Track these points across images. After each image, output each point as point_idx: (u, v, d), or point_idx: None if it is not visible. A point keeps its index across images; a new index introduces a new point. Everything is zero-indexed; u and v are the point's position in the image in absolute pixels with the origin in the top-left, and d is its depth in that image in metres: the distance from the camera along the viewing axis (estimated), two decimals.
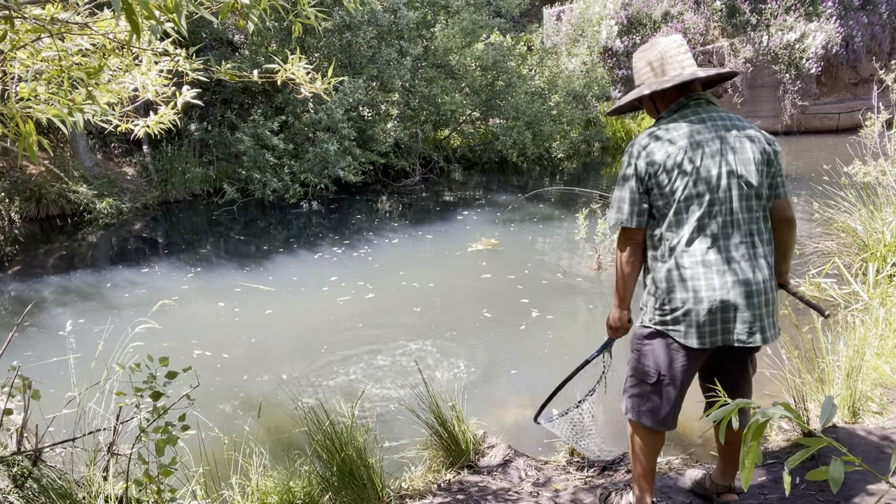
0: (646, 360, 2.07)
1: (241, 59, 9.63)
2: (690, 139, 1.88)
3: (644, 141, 1.93)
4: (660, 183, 1.89)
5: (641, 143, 1.93)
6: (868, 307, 4.00)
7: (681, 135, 1.89)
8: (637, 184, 1.92)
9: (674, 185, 1.88)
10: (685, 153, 1.87)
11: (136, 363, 2.36)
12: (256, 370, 4.28)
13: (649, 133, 1.94)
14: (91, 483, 2.25)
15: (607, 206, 2.74)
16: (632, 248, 2.01)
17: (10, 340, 2.60)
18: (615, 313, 2.17)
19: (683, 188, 1.87)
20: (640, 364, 2.10)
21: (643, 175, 1.91)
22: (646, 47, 2.06)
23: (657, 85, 1.95)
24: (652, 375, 2.06)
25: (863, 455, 2.41)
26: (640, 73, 2.06)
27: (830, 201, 5.64)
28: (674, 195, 1.88)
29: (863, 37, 14.05)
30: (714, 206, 1.87)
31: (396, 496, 2.61)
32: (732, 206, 1.89)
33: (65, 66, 1.68)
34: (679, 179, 1.87)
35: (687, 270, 1.90)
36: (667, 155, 1.88)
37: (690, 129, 1.90)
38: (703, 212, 1.87)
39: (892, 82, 5.64)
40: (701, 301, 1.89)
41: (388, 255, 6.84)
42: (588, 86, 12.48)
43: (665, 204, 1.91)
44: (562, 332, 4.68)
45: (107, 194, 9.12)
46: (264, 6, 1.74)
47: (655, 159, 1.89)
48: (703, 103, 1.97)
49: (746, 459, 1.01)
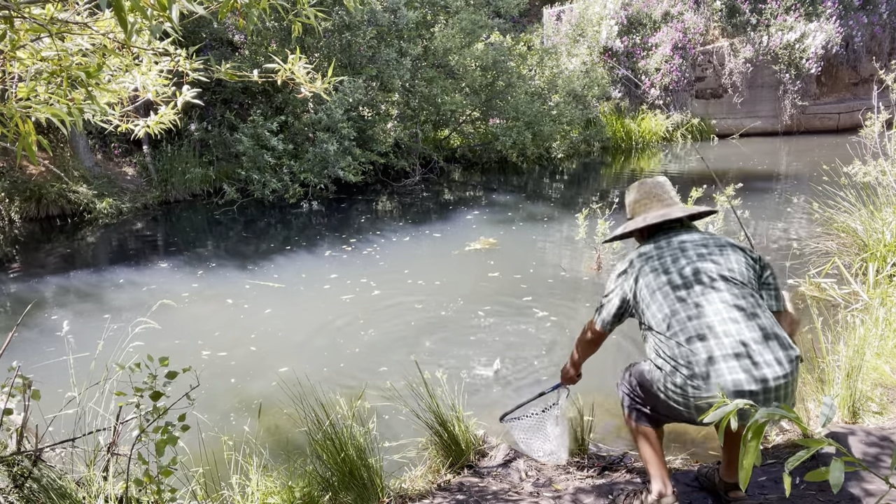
0: (642, 392, 2.19)
1: (240, 58, 9.63)
2: (660, 258, 2.12)
3: (625, 262, 2.21)
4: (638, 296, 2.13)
5: (622, 266, 2.21)
6: (868, 307, 4.01)
7: (654, 258, 2.14)
8: (619, 299, 2.20)
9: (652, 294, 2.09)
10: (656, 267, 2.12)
11: (137, 363, 2.37)
12: (257, 370, 4.28)
13: (629, 257, 2.23)
14: (91, 483, 2.25)
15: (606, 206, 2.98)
16: (596, 339, 2.35)
17: (10, 340, 2.60)
18: (569, 371, 2.58)
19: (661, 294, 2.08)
20: (636, 390, 2.22)
21: (624, 293, 2.17)
22: (634, 186, 2.36)
23: (634, 225, 2.28)
24: (647, 403, 2.19)
25: (863, 455, 2.41)
26: (628, 207, 2.38)
27: (830, 201, 5.64)
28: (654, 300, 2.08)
29: (863, 37, 14.05)
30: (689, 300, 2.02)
31: (396, 496, 2.61)
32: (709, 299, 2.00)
33: (64, 66, 1.68)
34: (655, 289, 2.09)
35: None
36: (641, 271, 2.13)
37: (660, 254, 2.14)
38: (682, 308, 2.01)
39: (892, 82, 5.64)
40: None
41: (389, 254, 6.84)
42: (588, 86, 12.48)
43: (647, 307, 2.10)
44: (563, 331, 4.68)
45: (107, 194, 9.12)
46: (264, 6, 1.74)
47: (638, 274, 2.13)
48: (676, 231, 2.21)
49: (745, 460, 1.01)
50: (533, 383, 3.95)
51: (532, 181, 11.12)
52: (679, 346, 1.95)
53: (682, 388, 1.94)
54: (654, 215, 2.23)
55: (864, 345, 2.98)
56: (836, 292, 4.61)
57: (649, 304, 2.07)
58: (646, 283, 2.10)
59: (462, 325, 4.88)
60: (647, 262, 2.13)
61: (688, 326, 1.96)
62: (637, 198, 2.31)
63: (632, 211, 2.34)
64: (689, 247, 2.12)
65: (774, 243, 6.57)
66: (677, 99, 14.00)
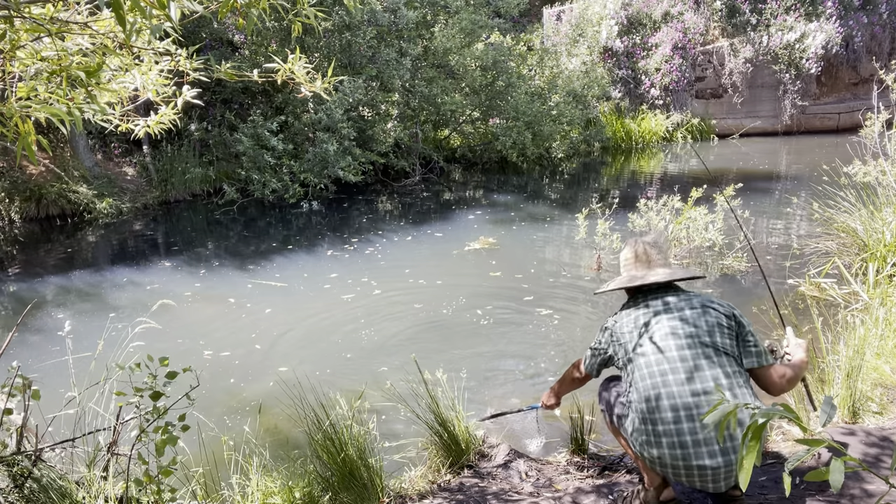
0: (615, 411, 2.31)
1: (241, 58, 9.63)
2: (636, 320, 2.25)
3: (609, 322, 2.37)
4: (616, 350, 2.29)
5: (607, 323, 2.36)
6: (868, 307, 4.01)
7: (632, 317, 2.27)
8: (602, 352, 2.37)
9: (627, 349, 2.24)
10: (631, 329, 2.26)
11: (136, 363, 2.37)
12: (257, 369, 4.28)
13: (614, 315, 2.37)
14: (91, 483, 2.25)
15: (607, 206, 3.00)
16: (583, 379, 2.51)
17: (10, 340, 2.60)
18: (550, 398, 2.71)
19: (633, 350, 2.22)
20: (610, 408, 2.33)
21: (605, 346, 2.33)
22: (630, 243, 2.48)
23: (618, 284, 2.40)
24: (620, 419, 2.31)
25: (863, 455, 2.41)
26: (621, 264, 2.50)
27: (830, 201, 5.64)
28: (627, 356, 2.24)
29: (863, 37, 14.05)
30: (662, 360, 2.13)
31: (396, 496, 2.61)
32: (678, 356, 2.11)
33: (64, 66, 1.68)
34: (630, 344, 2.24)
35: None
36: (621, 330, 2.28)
37: (637, 314, 2.27)
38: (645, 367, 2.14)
39: (892, 82, 5.64)
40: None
41: (390, 254, 6.83)
42: (588, 86, 12.48)
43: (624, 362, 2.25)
44: (564, 331, 4.68)
45: (107, 194, 9.13)
46: (263, 6, 1.74)
47: (615, 332, 2.30)
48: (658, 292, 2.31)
49: (745, 460, 1.01)
50: (533, 383, 3.95)
51: (532, 181, 11.12)
52: (638, 402, 2.11)
53: (637, 433, 2.12)
54: (635, 276, 2.38)
55: (864, 345, 2.98)
56: (836, 292, 4.61)
57: (621, 360, 2.24)
58: (621, 341, 2.25)
59: (463, 324, 4.88)
60: (624, 321, 2.28)
61: (647, 384, 2.10)
62: (627, 256, 2.45)
63: (622, 268, 2.49)
64: (664, 310, 2.22)
65: (774, 243, 6.57)
66: (677, 99, 13.99)
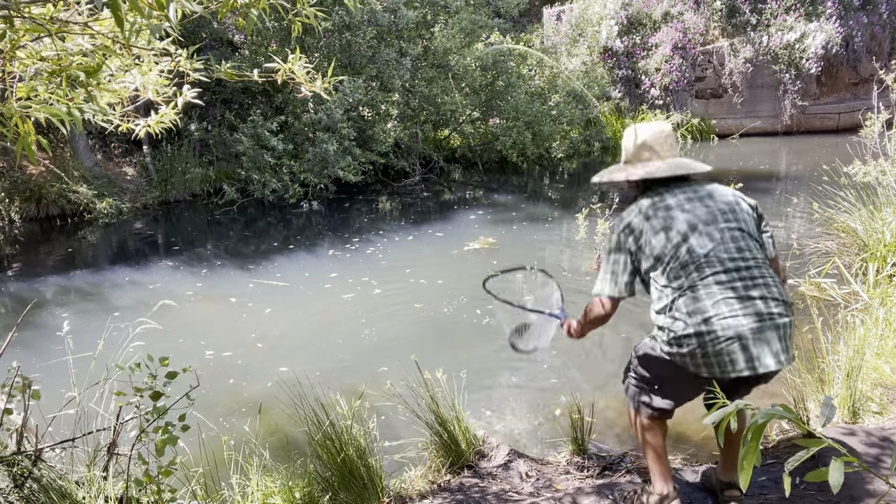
0: (651, 370, 2.15)
1: (241, 58, 9.63)
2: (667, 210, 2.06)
3: (625, 222, 2.13)
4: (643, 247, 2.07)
5: (626, 222, 2.12)
6: (868, 307, 4.00)
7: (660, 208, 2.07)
8: (624, 260, 2.12)
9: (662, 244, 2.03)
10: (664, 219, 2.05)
11: (137, 363, 2.36)
12: (257, 369, 4.28)
13: (629, 212, 2.14)
14: (91, 483, 2.25)
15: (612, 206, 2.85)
16: (608, 315, 2.28)
17: (10, 340, 2.60)
18: (575, 334, 2.50)
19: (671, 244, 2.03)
20: (643, 371, 2.19)
21: (631, 248, 2.10)
22: (630, 131, 2.23)
23: (628, 175, 2.18)
24: (655, 382, 2.16)
25: (863, 455, 2.41)
26: (626, 152, 2.25)
27: (830, 201, 5.64)
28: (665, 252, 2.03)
29: (863, 37, 14.04)
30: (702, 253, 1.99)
31: (396, 496, 2.61)
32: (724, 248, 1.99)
33: (64, 66, 1.68)
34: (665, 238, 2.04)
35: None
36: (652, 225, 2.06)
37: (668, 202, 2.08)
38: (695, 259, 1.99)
39: (892, 82, 5.63)
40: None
41: (390, 254, 6.83)
42: (588, 86, 12.48)
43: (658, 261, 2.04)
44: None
45: (107, 194, 9.12)
46: (263, 6, 1.74)
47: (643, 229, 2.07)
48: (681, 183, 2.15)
49: (745, 460, 1.01)
50: (534, 383, 3.95)
51: (532, 181, 11.11)
52: (681, 295, 1.97)
53: (686, 336, 1.94)
54: (660, 168, 2.13)
55: (864, 345, 2.98)
56: (836, 292, 4.61)
57: (650, 255, 2.05)
58: (652, 233, 2.05)
59: (463, 324, 4.88)
60: (651, 214, 2.07)
61: (692, 274, 1.96)
62: (645, 141, 2.17)
63: (631, 154, 2.22)
64: (684, 200, 2.08)
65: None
66: (677, 99, 13.99)
